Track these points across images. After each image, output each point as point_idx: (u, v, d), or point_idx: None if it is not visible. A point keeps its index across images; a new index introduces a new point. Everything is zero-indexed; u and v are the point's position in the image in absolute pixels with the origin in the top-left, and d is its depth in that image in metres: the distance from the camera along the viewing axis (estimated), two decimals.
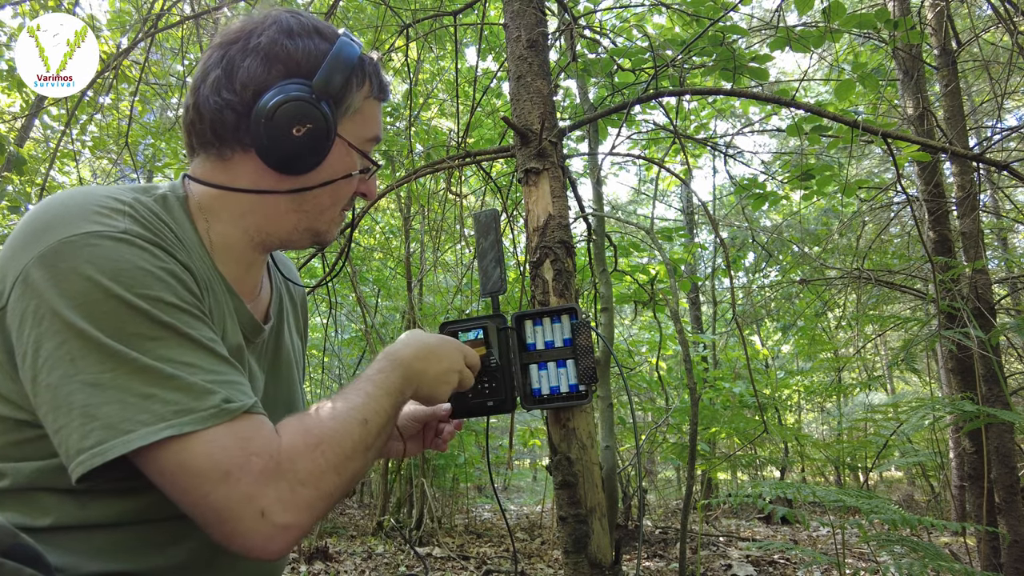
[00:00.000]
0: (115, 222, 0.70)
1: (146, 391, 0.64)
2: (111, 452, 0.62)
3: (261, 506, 0.64)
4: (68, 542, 0.70)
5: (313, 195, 0.86)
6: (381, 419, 0.78)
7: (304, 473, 0.67)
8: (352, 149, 0.87)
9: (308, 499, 0.67)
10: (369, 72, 0.87)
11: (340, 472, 0.70)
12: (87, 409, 0.63)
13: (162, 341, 0.66)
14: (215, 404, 0.66)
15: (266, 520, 0.64)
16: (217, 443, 0.64)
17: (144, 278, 0.67)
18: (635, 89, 3.00)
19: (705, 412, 4.35)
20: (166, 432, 0.63)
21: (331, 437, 0.71)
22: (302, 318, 1.10)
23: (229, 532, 0.65)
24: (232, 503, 0.64)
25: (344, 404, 0.76)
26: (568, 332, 1.28)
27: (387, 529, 4.82)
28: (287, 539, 0.66)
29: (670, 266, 2.50)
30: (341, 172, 0.86)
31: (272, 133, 0.78)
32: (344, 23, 4.61)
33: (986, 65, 4.07)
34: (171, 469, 0.64)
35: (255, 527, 0.64)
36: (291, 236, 0.88)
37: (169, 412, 0.63)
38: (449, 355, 0.95)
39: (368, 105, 0.88)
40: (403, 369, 0.86)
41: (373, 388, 0.80)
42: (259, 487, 0.64)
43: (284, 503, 0.65)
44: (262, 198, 0.84)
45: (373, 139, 0.90)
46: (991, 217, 5.74)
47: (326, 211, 0.88)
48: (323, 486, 0.68)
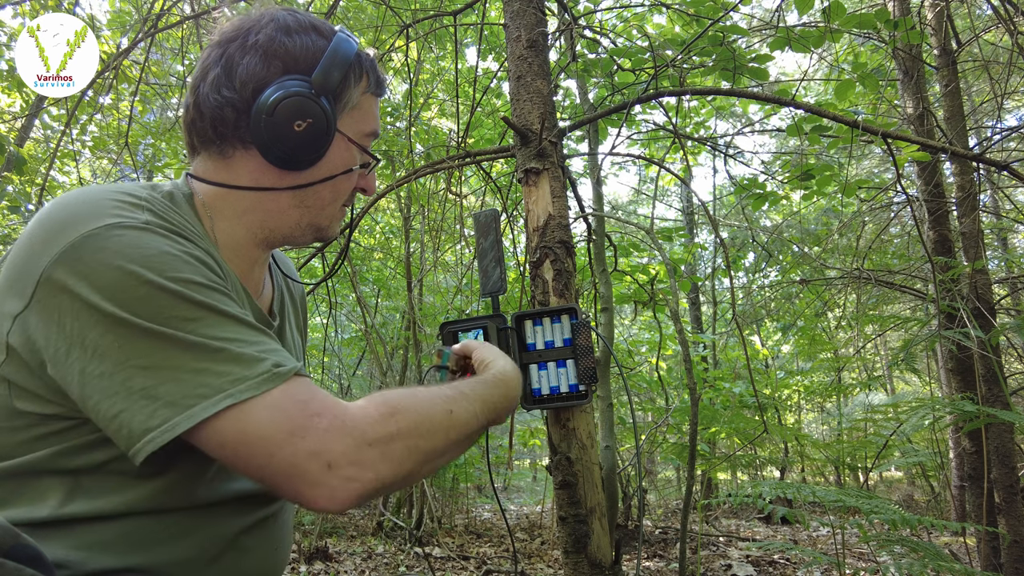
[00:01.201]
0: (135, 214, 0.71)
1: (198, 366, 0.65)
2: (179, 427, 0.63)
3: (328, 459, 0.65)
4: (73, 535, 0.70)
5: (314, 191, 0.87)
6: (468, 418, 0.79)
7: (372, 434, 0.68)
8: (351, 144, 0.88)
9: (374, 460, 0.67)
10: (366, 68, 0.88)
11: (410, 448, 0.70)
12: (146, 391, 0.64)
13: (201, 319, 0.67)
14: (266, 369, 0.67)
15: (333, 472, 0.65)
16: (276, 406, 0.66)
17: (172, 262, 0.68)
18: (635, 89, 3.00)
19: (705, 412, 4.35)
20: (226, 402, 0.64)
21: (409, 410, 0.72)
22: (302, 316, 1.11)
23: (298, 488, 0.66)
24: (299, 459, 0.64)
25: (434, 391, 0.78)
26: (568, 332, 1.28)
27: (387, 529, 4.82)
28: (353, 491, 0.66)
29: (670, 266, 2.50)
30: (341, 167, 0.87)
31: (273, 129, 0.79)
32: (344, 23, 4.61)
33: (986, 65, 4.07)
34: (234, 437, 0.65)
35: (323, 479, 0.65)
36: (294, 232, 0.89)
37: (225, 383, 0.65)
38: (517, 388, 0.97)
39: (366, 100, 0.89)
40: (506, 390, 0.90)
41: (470, 391, 0.83)
42: (324, 443, 0.65)
43: (350, 457, 0.66)
44: (264, 195, 0.85)
45: (371, 134, 0.91)
46: (991, 217, 5.74)
47: (327, 206, 0.89)
48: (391, 453, 0.68)
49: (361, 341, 5.77)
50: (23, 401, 0.71)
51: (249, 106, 0.80)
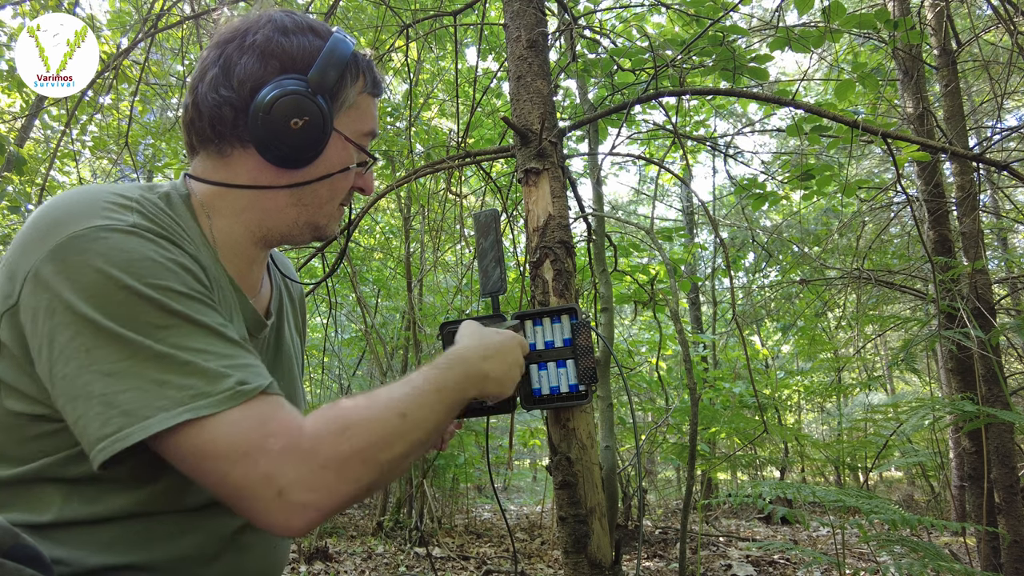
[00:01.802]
0: (123, 216, 0.71)
1: (161, 378, 0.65)
2: (131, 438, 0.63)
3: (279, 485, 0.65)
4: (73, 537, 0.71)
5: (312, 189, 0.87)
6: (425, 413, 0.77)
7: (325, 456, 0.67)
8: (349, 143, 0.89)
9: (329, 482, 0.67)
10: (363, 68, 0.88)
11: (367, 461, 0.69)
12: (105, 397, 0.64)
13: (174, 329, 0.67)
14: (229, 387, 0.66)
15: (284, 499, 0.65)
16: (235, 425, 0.65)
17: (154, 268, 0.69)
18: (635, 89, 3.00)
19: (705, 412, 4.35)
20: (184, 416, 0.64)
21: (360, 424, 0.70)
22: (301, 316, 1.11)
23: (249, 510, 0.66)
24: (250, 482, 0.64)
25: (386, 394, 0.76)
26: (568, 332, 1.28)
27: (387, 529, 4.82)
28: (308, 518, 0.66)
29: (670, 266, 2.50)
30: (339, 165, 0.88)
31: (270, 127, 0.80)
32: (344, 23, 4.61)
33: (986, 65, 4.07)
34: (191, 452, 0.65)
35: (274, 506, 0.65)
36: (291, 231, 0.89)
37: (186, 396, 0.64)
38: (513, 350, 0.96)
39: (363, 100, 0.90)
40: (465, 367, 0.86)
41: (423, 382, 0.80)
42: (277, 466, 0.65)
43: (303, 483, 0.65)
44: (262, 193, 0.86)
45: (369, 133, 0.91)
46: (991, 217, 5.74)
47: (325, 205, 0.90)
48: (346, 472, 0.68)
49: (361, 341, 5.77)
50: (12, 400, 0.71)
51: (247, 105, 0.81)
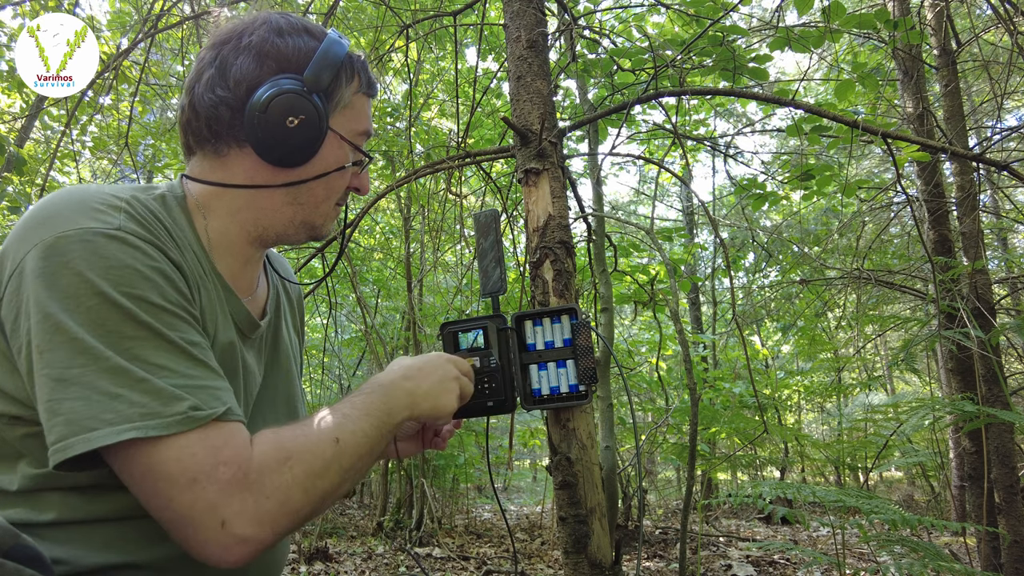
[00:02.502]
0: (111, 218, 0.71)
1: (114, 391, 0.64)
2: (72, 449, 0.62)
3: (223, 516, 0.64)
4: (73, 536, 0.71)
5: (308, 188, 0.87)
6: (357, 439, 0.77)
7: (270, 487, 0.67)
8: (344, 142, 0.89)
9: (271, 514, 0.67)
10: (358, 68, 0.89)
11: (307, 490, 0.70)
12: (51, 404, 0.64)
13: (139, 341, 0.66)
14: (182, 411, 0.65)
15: (226, 531, 0.64)
16: (187, 449, 0.65)
17: (131, 276, 0.68)
18: (635, 89, 3.00)
19: (705, 412, 4.35)
20: (130, 434, 0.63)
21: (300, 453, 0.70)
22: (299, 316, 1.11)
23: (188, 538, 0.65)
24: (195, 511, 0.64)
25: (320, 423, 0.76)
26: (568, 332, 1.28)
27: (387, 529, 4.82)
28: (244, 552, 0.66)
29: (670, 266, 2.50)
30: (334, 165, 0.88)
31: (266, 125, 0.80)
32: (344, 23, 4.61)
33: (986, 65, 4.07)
34: (139, 471, 0.65)
35: (214, 536, 0.64)
36: (287, 230, 0.89)
37: (135, 414, 0.63)
38: (438, 367, 0.94)
39: (358, 100, 0.90)
40: (386, 389, 0.85)
41: (351, 409, 0.80)
42: (223, 497, 0.64)
43: (247, 515, 0.65)
44: (258, 193, 0.86)
45: (364, 133, 0.92)
46: (991, 217, 5.74)
47: (321, 204, 0.90)
48: (289, 503, 0.68)
49: (361, 341, 5.77)
50: None
51: (243, 104, 0.82)
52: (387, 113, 4.69)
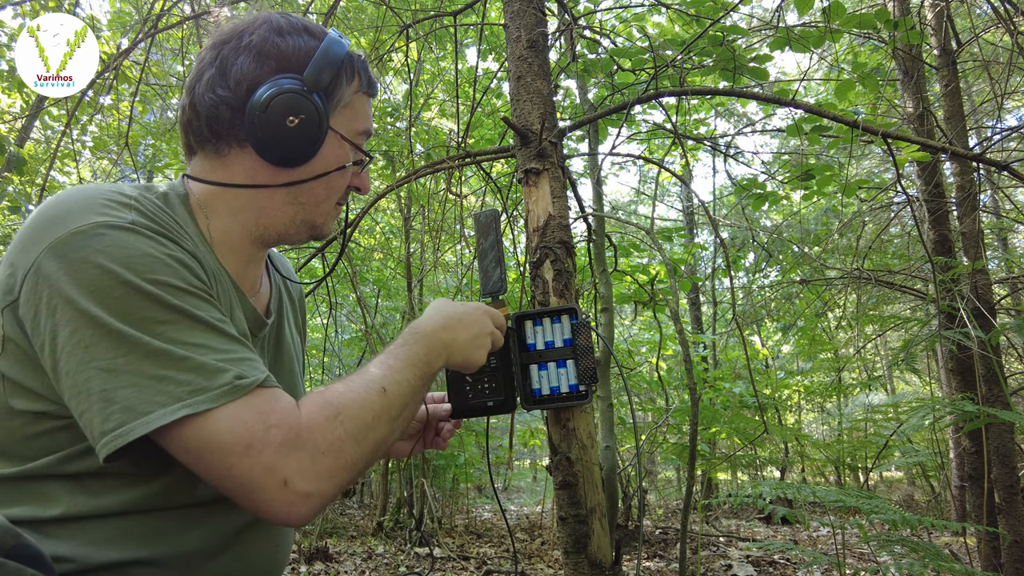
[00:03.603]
0: (122, 214, 0.72)
1: (160, 373, 0.66)
2: (132, 433, 0.64)
3: (283, 476, 0.66)
4: (79, 532, 0.71)
5: (308, 187, 0.88)
6: (403, 389, 0.80)
7: (324, 443, 0.69)
8: (344, 141, 0.89)
9: (329, 468, 0.69)
10: (358, 67, 0.89)
11: (360, 441, 0.72)
12: (105, 393, 0.65)
13: (172, 324, 0.68)
14: (228, 381, 0.68)
15: (289, 489, 0.66)
16: (237, 418, 0.66)
17: (153, 264, 0.70)
18: (635, 89, 3.00)
19: (705, 412, 4.35)
20: (183, 411, 0.65)
21: (349, 407, 0.73)
22: (300, 315, 1.12)
23: (255, 501, 0.67)
24: (255, 474, 0.66)
25: (363, 377, 0.78)
26: (568, 332, 1.28)
27: (387, 529, 4.82)
28: (311, 506, 0.68)
29: (670, 266, 2.50)
30: (335, 164, 0.88)
31: (266, 125, 0.81)
32: (344, 23, 4.61)
33: (986, 65, 4.07)
34: (195, 446, 0.66)
35: (279, 496, 0.66)
36: (288, 229, 0.90)
37: (184, 392, 0.65)
38: (477, 320, 0.97)
39: (358, 99, 0.90)
40: (427, 340, 0.88)
41: (394, 360, 0.82)
42: (280, 458, 0.66)
43: (305, 472, 0.67)
44: (259, 192, 0.86)
45: (364, 132, 0.92)
46: (991, 217, 5.74)
47: (321, 204, 0.90)
48: (344, 456, 0.70)
49: (361, 341, 5.76)
50: (16, 398, 0.72)
51: (243, 104, 0.82)
52: (387, 113, 4.69)
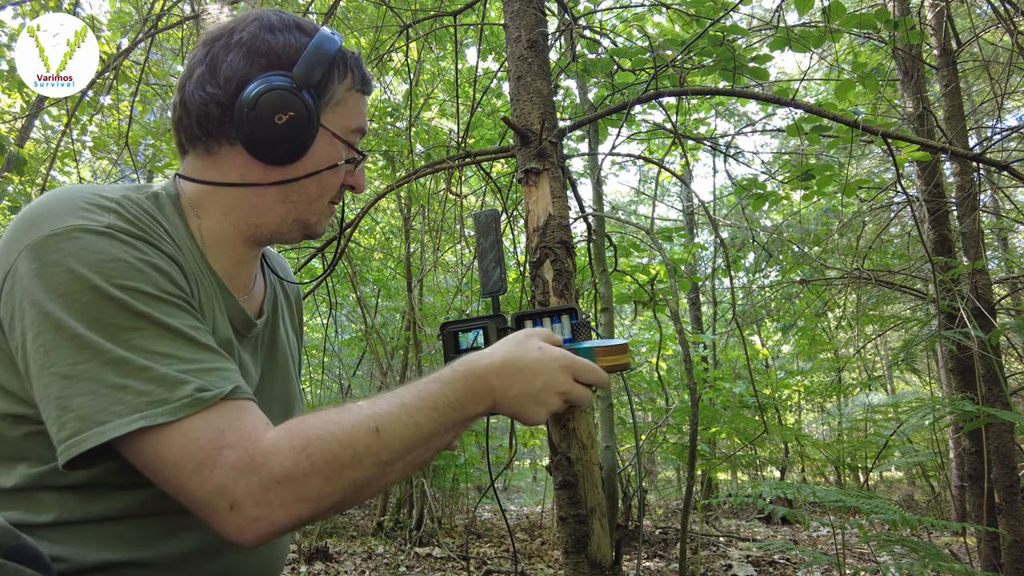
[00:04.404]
0: (99, 217, 0.71)
1: (119, 382, 0.64)
2: (86, 443, 0.63)
3: (233, 498, 0.63)
4: (72, 536, 0.71)
5: (300, 186, 0.86)
6: (409, 432, 0.71)
7: (281, 472, 0.64)
8: (336, 139, 0.88)
9: (283, 498, 0.64)
10: (351, 64, 0.88)
11: (330, 478, 0.66)
12: (61, 401, 0.64)
13: (138, 331, 0.66)
14: (188, 394, 0.65)
15: (236, 512, 0.64)
16: (191, 435, 0.64)
17: (124, 269, 0.68)
18: (635, 89, 3.00)
19: (705, 412, 4.35)
20: (139, 423, 0.63)
21: (325, 440, 0.67)
22: (298, 315, 1.11)
23: (208, 519, 0.65)
24: (205, 494, 0.64)
25: (363, 410, 0.71)
26: (568, 332, 1.28)
27: (387, 529, 4.82)
28: (259, 531, 0.65)
29: (670, 266, 2.50)
30: (326, 162, 0.87)
31: (255, 122, 0.80)
32: (344, 23, 4.61)
33: (986, 65, 4.07)
34: (151, 459, 0.65)
35: (227, 518, 0.64)
36: (280, 228, 0.88)
37: (142, 403, 0.64)
38: (546, 372, 0.82)
39: (351, 97, 0.89)
40: (470, 381, 0.78)
41: (414, 397, 0.74)
42: (230, 480, 0.63)
43: (255, 498, 0.64)
44: (250, 191, 0.85)
45: (358, 130, 0.90)
46: (991, 217, 5.74)
47: (314, 202, 0.89)
48: (305, 489, 0.65)
49: (361, 341, 5.76)
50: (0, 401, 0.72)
51: (233, 101, 0.81)
52: (387, 113, 4.69)
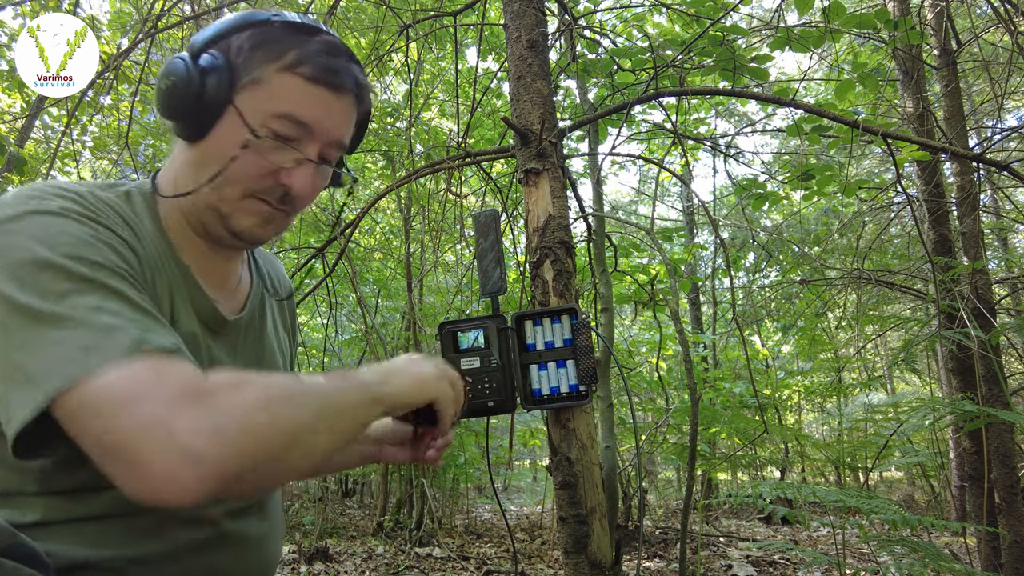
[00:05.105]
0: (54, 202, 0.71)
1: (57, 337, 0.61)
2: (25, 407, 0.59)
3: (170, 426, 0.56)
4: (59, 535, 0.71)
5: (205, 166, 0.81)
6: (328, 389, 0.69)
7: (225, 403, 0.60)
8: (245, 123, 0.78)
9: (228, 429, 0.58)
10: (292, 46, 0.79)
11: (272, 413, 0.61)
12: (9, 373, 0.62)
13: (81, 293, 0.64)
14: (126, 342, 0.61)
15: (174, 442, 0.55)
16: (126, 372, 0.59)
17: (72, 241, 0.68)
18: (635, 89, 3.00)
19: (705, 412, 4.34)
20: (76, 372, 0.59)
21: (258, 379, 0.64)
22: (290, 316, 1.10)
23: (131, 463, 0.56)
24: (138, 424, 0.56)
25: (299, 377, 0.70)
26: (568, 332, 1.28)
27: (387, 529, 4.82)
28: (198, 473, 0.55)
29: (670, 266, 2.50)
30: (227, 144, 0.79)
31: (155, 95, 0.81)
32: (344, 23, 4.61)
33: (986, 65, 4.07)
34: (78, 407, 0.59)
35: (162, 450, 0.55)
36: (204, 218, 0.84)
37: (76, 350, 0.60)
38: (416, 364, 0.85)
39: (281, 79, 0.79)
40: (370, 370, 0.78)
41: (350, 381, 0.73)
42: (170, 409, 0.57)
43: (198, 428, 0.57)
44: (180, 175, 0.85)
45: (285, 116, 0.79)
46: (991, 217, 5.74)
47: (223, 190, 0.81)
48: (249, 420, 0.59)
49: (361, 341, 5.76)
50: None
51: None
52: (387, 113, 4.69)
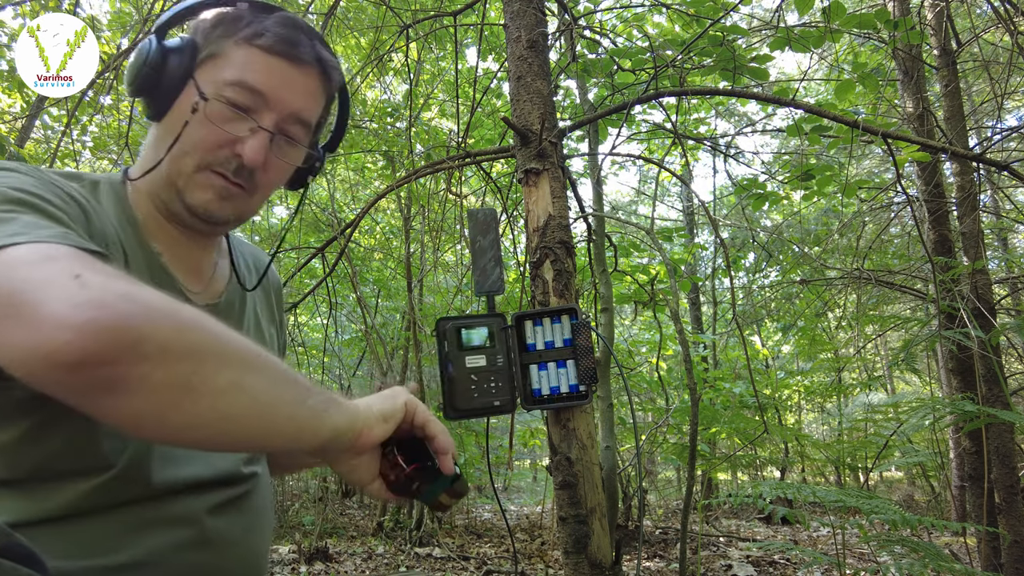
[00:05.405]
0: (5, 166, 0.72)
1: None
2: None
3: (76, 271, 0.54)
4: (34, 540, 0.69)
5: (168, 144, 0.82)
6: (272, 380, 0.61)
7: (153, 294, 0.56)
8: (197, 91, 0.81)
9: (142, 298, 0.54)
10: (250, 20, 0.83)
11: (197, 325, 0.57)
12: None
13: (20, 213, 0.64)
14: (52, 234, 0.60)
15: (79, 283, 0.53)
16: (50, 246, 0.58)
17: (18, 182, 0.68)
18: (635, 89, 3.00)
19: (705, 412, 4.34)
20: None
21: None
22: (277, 309, 1.08)
23: (22, 304, 0.52)
24: (45, 276, 0.54)
25: None
26: (568, 332, 1.28)
27: (387, 529, 4.82)
28: (91, 315, 0.50)
29: (670, 266, 2.50)
30: (185, 115, 0.81)
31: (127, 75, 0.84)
32: (344, 23, 4.61)
33: (986, 65, 4.07)
34: None
35: (61, 287, 0.53)
36: (164, 195, 0.84)
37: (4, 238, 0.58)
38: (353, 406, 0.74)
39: (236, 50, 0.83)
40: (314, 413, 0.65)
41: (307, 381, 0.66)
42: (83, 269, 0.55)
43: (110, 286, 0.54)
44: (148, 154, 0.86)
45: (236, 83, 0.81)
46: (991, 217, 5.74)
47: (180, 162, 0.83)
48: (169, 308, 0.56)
49: (361, 341, 5.76)
50: None
51: None
52: (387, 113, 4.69)
